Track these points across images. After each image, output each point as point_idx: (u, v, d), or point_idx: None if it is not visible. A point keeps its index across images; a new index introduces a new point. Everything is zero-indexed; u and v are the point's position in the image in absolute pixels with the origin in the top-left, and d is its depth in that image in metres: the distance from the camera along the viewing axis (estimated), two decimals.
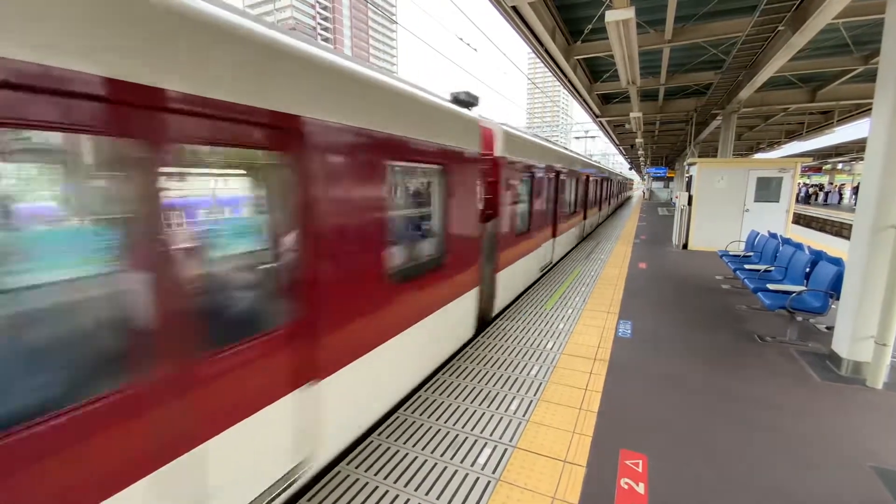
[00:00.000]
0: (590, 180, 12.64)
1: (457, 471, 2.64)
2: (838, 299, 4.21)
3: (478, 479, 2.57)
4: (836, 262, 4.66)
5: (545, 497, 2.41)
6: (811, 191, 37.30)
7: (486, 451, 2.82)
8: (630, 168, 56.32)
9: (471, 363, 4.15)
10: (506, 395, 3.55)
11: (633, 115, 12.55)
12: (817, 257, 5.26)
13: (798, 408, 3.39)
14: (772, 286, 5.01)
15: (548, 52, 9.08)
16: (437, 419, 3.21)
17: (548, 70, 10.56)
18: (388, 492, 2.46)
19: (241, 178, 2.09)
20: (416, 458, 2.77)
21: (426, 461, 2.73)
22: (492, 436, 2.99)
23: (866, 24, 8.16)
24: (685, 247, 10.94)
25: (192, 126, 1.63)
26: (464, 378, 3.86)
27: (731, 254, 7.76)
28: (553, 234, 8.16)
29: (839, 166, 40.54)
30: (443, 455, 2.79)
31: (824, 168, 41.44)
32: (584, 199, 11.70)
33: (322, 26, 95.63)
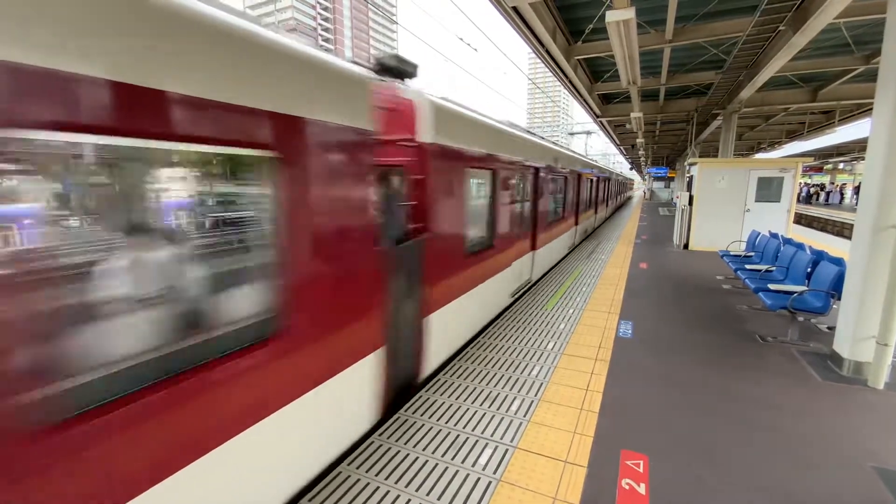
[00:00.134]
0: (582, 180, 11.45)
1: (458, 471, 2.64)
2: (840, 299, 4.21)
3: (479, 479, 2.57)
4: (838, 262, 4.65)
5: (546, 497, 2.42)
6: (812, 190, 37.27)
7: (487, 452, 2.82)
8: (631, 168, 56.38)
9: (471, 363, 4.15)
10: (506, 396, 3.55)
11: (633, 115, 12.54)
12: (818, 257, 5.25)
13: (799, 408, 3.38)
14: (773, 286, 5.00)
15: (548, 52, 9.09)
16: (437, 419, 3.21)
17: (548, 70, 10.56)
18: (388, 492, 2.47)
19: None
20: (417, 458, 2.77)
21: (427, 461, 2.73)
22: (493, 436, 2.99)
23: (867, 23, 8.16)
24: (686, 247, 10.93)
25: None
26: (464, 378, 3.86)
27: (732, 254, 7.75)
28: (532, 247, 7.00)
29: (840, 166, 40.52)
30: (444, 455, 2.79)
31: (825, 168, 41.41)
32: (575, 202, 10.47)
33: (322, 27, 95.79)
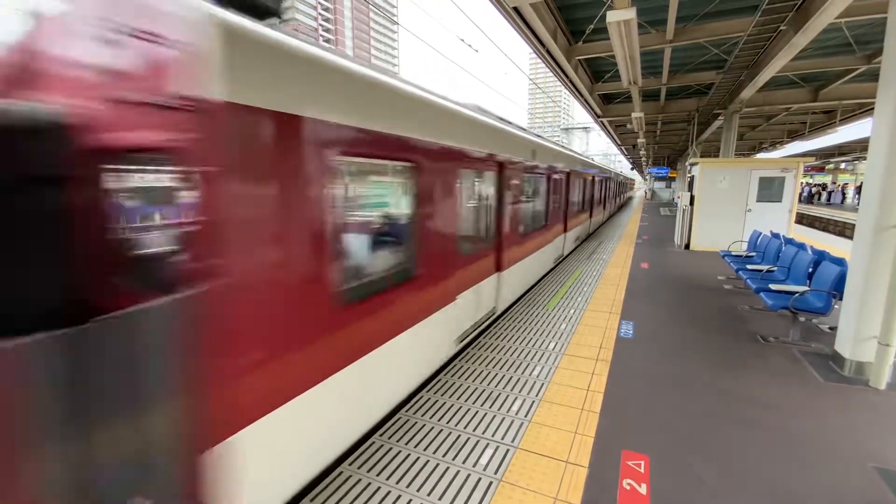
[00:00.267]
0: (573, 180, 9.84)
1: (459, 471, 2.65)
2: (841, 300, 4.20)
3: (480, 479, 2.57)
4: (839, 262, 4.64)
5: (547, 498, 2.42)
6: (814, 190, 37.20)
7: (488, 452, 2.82)
8: (632, 168, 56.33)
9: (472, 363, 4.15)
10: (507, 396, 3.55)
11: (634, 115, 12.52)
12: (820, 257, 5.24)
13: (800, 408, 3.38)
14: (774, 286, 5.00)
15: (549, 52, 9.08)
16: (438, 420, 3.22)
17: (549, 70, 10.55)
18: (390, 492, 2.47)
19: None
20: (418, 458, 2.77)
21: (428, 462, 2.74)
22: (493, 436, 3.00)
23: (868, 23, 8.14)
24: (687, 247, 10.92)
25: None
26: (465, 378, 3.86)
27: (733, 254, 7.74)
28: (498, 267, 5.39)
29: (842, 166, 40.41)
30: (445, 455, 2.80)
31: (827, 168, 41.32)
32: (564, 206, 9.14)
33: (324, 27, 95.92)
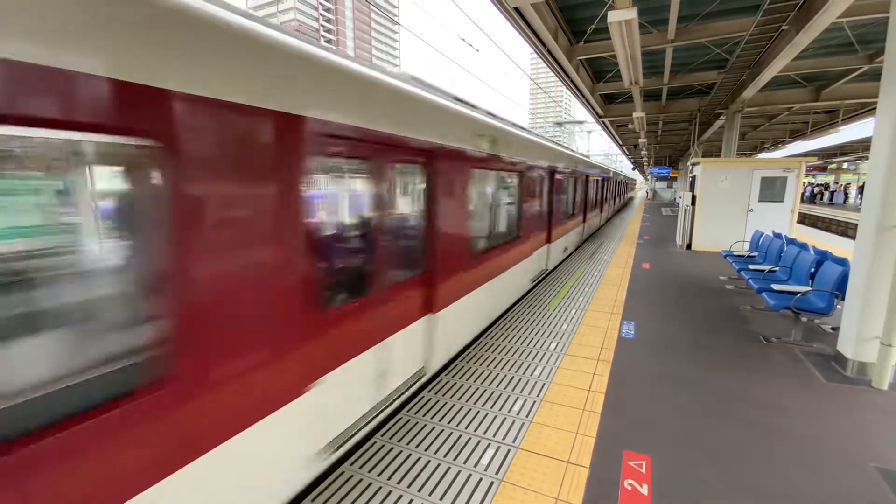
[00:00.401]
0: (561, 180, 8.48)
1: (460, 471, 2.64)
2: (843, 300, 4.19)
3: (481, 479, 2.57)
4: (842, 262, 4.63)
5: (548, 498, 2.42)
6: (816, 190, 37.11)
7: (489, 452, 2.82)
8: (633, 168, 56.25)
9: (473, 363, 4.15)
10: (508, 396, 3.55)
11: (635, 115, 12.50)
12: (822, 257, 5.23)
13: (802, 409, 3.37)
14: (776, 286, 4.99)
15: (550, 52, 9.07)
16: (439, 420, 3.22)
17: (550, 70, 10.54)
18: (391, 492, 2.47)
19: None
20: (419, 458, 2.77)
21: (429, 462, 2.74)
22: (495, 436, 3.00)
23: (871, 22, 8.11)
24: (689, 247, 10.89)
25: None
26: (466, 378, 3.86)
27: (735, 254, 7.72)
28: (429, 308, 3.69)
29: (844, 165, 40.30)
30: (446, 456, 2.80)
31: (829, 167, 41.22)
32: (548, 211, 7.66)
33: (325, 28, 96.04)
